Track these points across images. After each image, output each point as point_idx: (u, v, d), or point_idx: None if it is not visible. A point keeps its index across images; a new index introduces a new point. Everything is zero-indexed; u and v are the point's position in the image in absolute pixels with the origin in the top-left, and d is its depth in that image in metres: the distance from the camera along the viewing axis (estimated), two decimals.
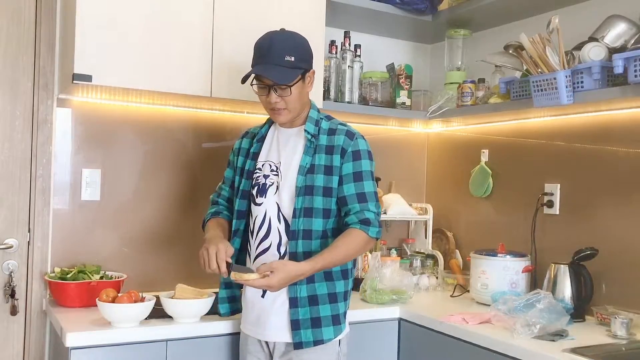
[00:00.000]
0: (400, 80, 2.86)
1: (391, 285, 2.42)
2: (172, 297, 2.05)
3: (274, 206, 1.93)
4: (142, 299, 1.99)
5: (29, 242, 2.38)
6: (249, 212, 2.00)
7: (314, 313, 1.86)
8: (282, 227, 1.92)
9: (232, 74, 2.29)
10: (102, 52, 2.09)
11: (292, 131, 1.98)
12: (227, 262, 1.81)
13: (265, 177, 1.97)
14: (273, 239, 1.93)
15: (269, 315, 1.90)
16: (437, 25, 2.87)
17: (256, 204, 1.97)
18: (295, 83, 1.87)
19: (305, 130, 1.93)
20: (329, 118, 2.00)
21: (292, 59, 1.85)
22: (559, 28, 2.10)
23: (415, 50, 3.21)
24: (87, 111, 2.45)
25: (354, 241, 1.86)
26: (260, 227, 1.95)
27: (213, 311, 2.07)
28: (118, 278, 2.29)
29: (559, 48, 2.12)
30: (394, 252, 2.94)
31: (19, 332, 2.37)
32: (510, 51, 2.37)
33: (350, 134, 1.92)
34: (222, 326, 2.07)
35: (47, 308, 2.31)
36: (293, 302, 1.86)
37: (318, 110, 2.00)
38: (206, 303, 2.05)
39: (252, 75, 1.91)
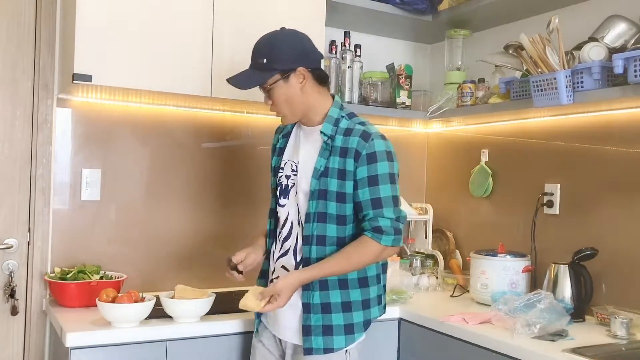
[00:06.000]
0: (400, 80, 2.86)
1: (391, 285, 2.41)
2: (171, 298, 2.05)
3: (295, 208, 1.90)
4: (142, 299, 1.99)
5: (29, 242, 2.38)
6: (276, 213, 1.98)
7: (326, 321, 1.82)
8: (300, 230, 1.88)
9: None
10: (102, 52, 2.09)
11: (311, 130, 1.91)
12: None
13: (287, 177, 1.92)
14: (292, 242, 1.90)
15: (283, 315, 1.88)
16: (437, 25, 2.87)
17: (280, 205, 1.94)
18: (272, 84, 1.82)
19: (321, 132, 1.85)
20: (350, 116, 1.89)
21: (264, 61, 1.81)
22: (559, 28, 2.10)
23: (415, 50, 3.21)
24: (87, 111, 2.45)
25: (362, 250, 1.79)
26: (282, 228, 1.94)
27: (213, 311, 2.08)
28: (118, 278, 2.29)
29: (559, 48, 2.12)
30: None
31: (19, 332, 2.37)
32: (510, 51, 2.37)
33: (366, 135, 1.79)
34: (222, 326, 2.07)
35: (47, 308, 2.31)
36: (306, 308, 1.83)
37: (341, 107, 1.91)
38: (206, 303, 2.05)
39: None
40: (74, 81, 2.06)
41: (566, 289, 2.24)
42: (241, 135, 2.73)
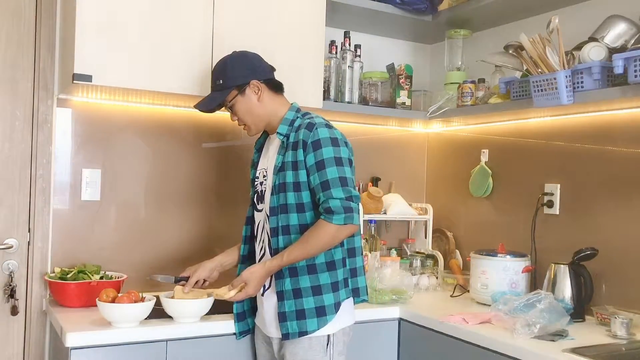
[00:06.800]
0: (400, 80, 2.86)
1: (391, 285, 2.42)
2: (171, 298, 2.05)
3: (268, 208, 1.99)
4: (142, 299, 1.99)
5: (29, 242, 2.38)
6: (253, 219, 2.09)
7: (298, 305, 1.89)
8: (268, 227, 1.98)
9: None
10: (102, 52, 2.09)
11: (274, 136, 2.03)
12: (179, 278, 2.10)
13: (261, 184, 2.04)
14: (265, 239, 2.00)
15: (266, 312, 1.99)
16: (437, 25, 2.87)
17: (257, 210, 2.06)
18: (231, 100, 1.98)
19: (277, 133, 1.96)
20: (304, 115, 1.99)
21: (221, 81, 1.99)
22: (559, 28, 2.10)
23: (415, 50, 3.20)
24: (87, 111, 2.45)
25: (317, 232, 1.85)
26: (257, 231, 2.06)
27: (213, 311, 2.08)
28: (118, 278, 2.29)
29: (559, 48, 2.12)
30: (394, 252, 2.94)
31: (19, 332, 2.37)
32: (510, 51, 2.37)
33: (310, 126, 1.90)
34: (222, 326, 2.07)
35: (47, 308, 2.31)
36: (280, 296, 1.92)
37: (298, 110, 2.02)
38: (206, 303, 2.04)
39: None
40: (74, 81, 2.06)
41: (566, 289, 2.24)
42: (241, 135, 2.73)
